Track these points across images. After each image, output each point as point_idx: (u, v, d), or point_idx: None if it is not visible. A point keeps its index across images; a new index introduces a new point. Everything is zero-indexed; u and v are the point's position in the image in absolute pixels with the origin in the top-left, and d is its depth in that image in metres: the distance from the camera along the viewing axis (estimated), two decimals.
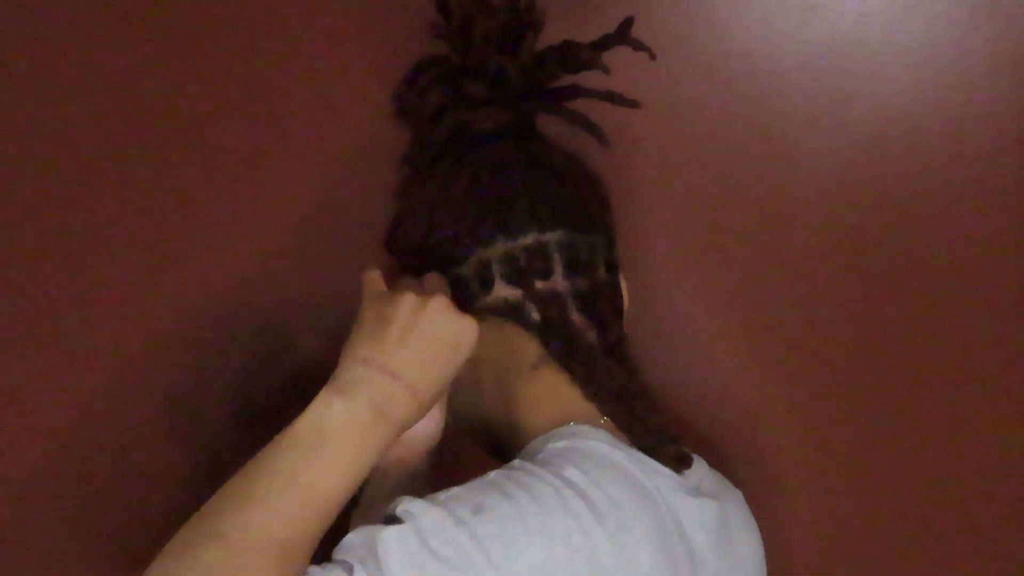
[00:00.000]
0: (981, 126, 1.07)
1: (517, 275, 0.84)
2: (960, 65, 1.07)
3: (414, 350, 0.76)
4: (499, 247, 0.84)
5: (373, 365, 0.75)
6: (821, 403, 1.10)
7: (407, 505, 0.69)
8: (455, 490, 0.72)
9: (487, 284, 0.85)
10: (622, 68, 0.92)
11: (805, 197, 1.09)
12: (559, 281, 0.84)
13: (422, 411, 0.77)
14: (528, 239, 0.84)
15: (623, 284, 0.90)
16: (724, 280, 1.10)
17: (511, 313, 0.84)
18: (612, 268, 0.88)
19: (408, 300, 0.77)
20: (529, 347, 0.84)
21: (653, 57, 0.91)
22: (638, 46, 0.92)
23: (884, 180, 1.08)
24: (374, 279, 0.81)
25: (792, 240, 1.09)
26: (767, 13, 1.08)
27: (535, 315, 0.83)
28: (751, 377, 1.10)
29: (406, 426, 0.76)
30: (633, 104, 0.92)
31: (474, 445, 0.90)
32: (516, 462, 0.75)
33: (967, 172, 1.08)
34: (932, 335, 1.09)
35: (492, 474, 0.73)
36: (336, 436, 0.72)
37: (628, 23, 0.92)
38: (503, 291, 0.84)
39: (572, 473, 0.72)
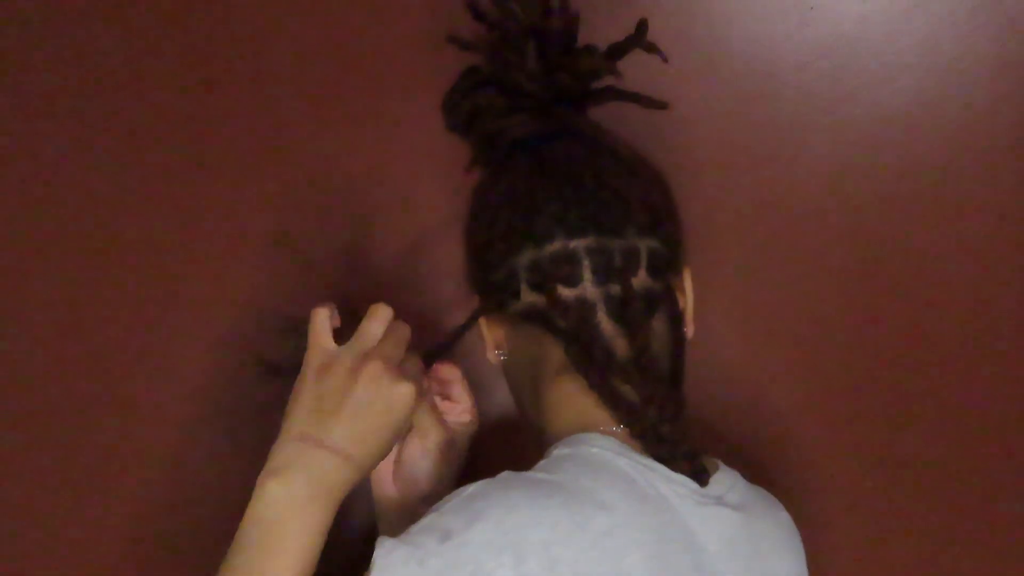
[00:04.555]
0: (981, 126, 1.07)
1: (542, 282, 0.83)
2: (960, 65, 1.07)
3: (348, 420, 0.77)
4: (527, 254, 0.84)
5: (308, 440, 0.76)
6: (821, 403, 1.10)
7: (376, 550, 0.70)
8: (428, 518, 0.72)
9: (514, 291, 0.85)
10: (622, 68, 0.92)
11: (804, 197, 1.09)
12: (588, 288, 0.83)
13: (362, 474, 0.78)
14: (555, 246, 0.83)
15: (687, 285, 0.90)
16: (722, 279, 1.09)
17: (538, 319, 0.84)
18: (661, 272, 0.86)
19: (342, 369, 0.78)
20: (555, 353, 0.84)
21: (666, 60, 0.91)
22: (652, 49, 0.91)
23: (884, 180, 1.08)
24: (318, 323, 0.81)
25: (791, 240, 1.09)
26: (767, 13, 1.08)
27: (560, 322, 0.83)
28: (748, 373, 1.10)
29: (346, 491, 0.78)
30: (661, 106, 0.92)
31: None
32: (504, 473, 0.75)
33: (967, 172, 1.08)
34: (931, 335, 1.09)
35: (471, 488, 0.74)
36: (278, 523, 0.75)
37: (643, 26, 0.91)
38: (529, 298, 0.85)
39: (560, 478, 0.73)
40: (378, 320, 0.81)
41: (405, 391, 0.78)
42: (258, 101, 1.07)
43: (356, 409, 0.77)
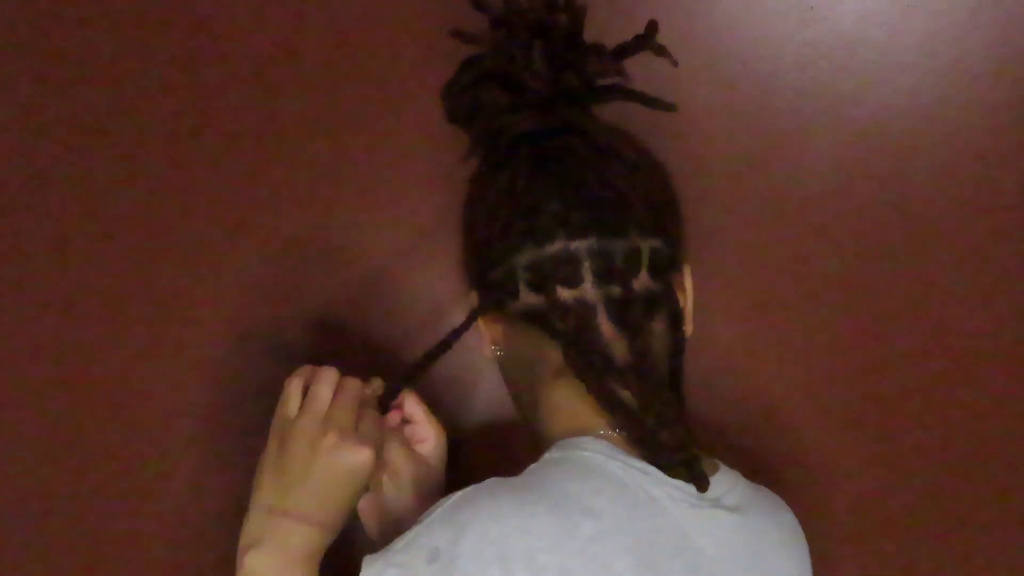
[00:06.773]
0: (981, 126, 1.07)
1: (541, 283, 0.82)
2: (960, 65, 1.07)
3: (312, 491, 0.78)
4: (527, 254, 0.83)
5: (276, 511, 0.78)
6: (823, 401, 1.09)
7: (364, 571, 0.71)
8: (414, 531, 0.73)
9: (513, 291, 0.84)
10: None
11: (805, 197, 1.09)
12: (588, 289, 0.82)
13: (329, 535, 0.80)
14: (555, 247, 0.82)
15: (687, 283, 0.89)
16: (722, 278, 1.09)
17: (537, 320, 0.83)
18: (662, 271, 0.85)
19: (302, 441, 0.79)
20: (553, 354, 0.84)
21: (675, 64, 0.90)
22: (661, 52, 0.90)
23: (884, 180, 1.08)
24: (289, 391, 0.82)
25: (791, 240, 1.09)
26: (767, 13, 1.08)
27: (559, 324, 0.82)
28: (750, 372, 1.10)
29: (323, 550, 0.80)
30: (669, 108, 0.91)
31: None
32: (490, 480, 0.75)
33: (967, 172, 1.08)
34: (931, 335, 1.09)
35: (456, 496, 0.74)
36: None
37: (652, 28, 0.90)
38: (528, 298, 0.84)
39: (547, 484, 0.73)
40: (325, 383, 0.82)
41: (363, 457, 0.78)
42: (254, 101, 1.07)
43: (319, 481, 0.78)
